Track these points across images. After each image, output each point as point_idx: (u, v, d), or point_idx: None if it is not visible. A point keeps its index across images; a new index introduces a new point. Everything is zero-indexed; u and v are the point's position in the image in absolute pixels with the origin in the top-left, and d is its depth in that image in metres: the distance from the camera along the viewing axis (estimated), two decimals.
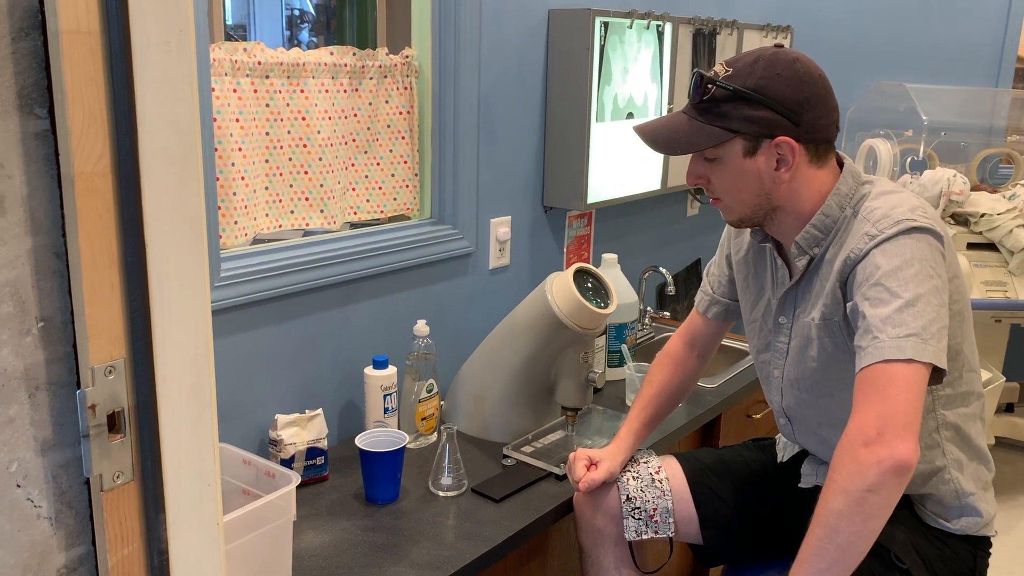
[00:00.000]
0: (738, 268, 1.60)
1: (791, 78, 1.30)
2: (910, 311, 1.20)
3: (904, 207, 1.29)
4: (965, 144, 3.13)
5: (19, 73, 0.63)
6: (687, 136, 1.35)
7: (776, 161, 1.33)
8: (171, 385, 0.73)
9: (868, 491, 1.15)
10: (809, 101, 1.31)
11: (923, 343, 1.19)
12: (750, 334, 1.58)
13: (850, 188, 1.37)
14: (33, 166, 0.65)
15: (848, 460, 1.18)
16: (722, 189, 1.38)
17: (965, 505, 1.43)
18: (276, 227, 1.77)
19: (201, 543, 0.79)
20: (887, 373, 1.19)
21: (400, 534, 1.50)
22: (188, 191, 0.72)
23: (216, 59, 1.57)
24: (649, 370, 1.73)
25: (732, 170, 1.35)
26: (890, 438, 1.15)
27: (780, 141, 1.31)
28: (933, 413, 1.40)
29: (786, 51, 1.34)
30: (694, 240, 3.08)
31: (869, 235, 1.28)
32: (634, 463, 1.62)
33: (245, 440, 1.68)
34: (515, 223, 2.22)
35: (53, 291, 0.67)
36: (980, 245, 2.82)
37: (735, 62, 1.33)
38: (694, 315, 1.71)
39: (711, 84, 1.32)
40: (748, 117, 1.31)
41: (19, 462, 0.67)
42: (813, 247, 1.38)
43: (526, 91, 2.17)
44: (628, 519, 1.57)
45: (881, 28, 3.30)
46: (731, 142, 1.33)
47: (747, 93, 1.30)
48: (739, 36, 2.74)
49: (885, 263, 1.24)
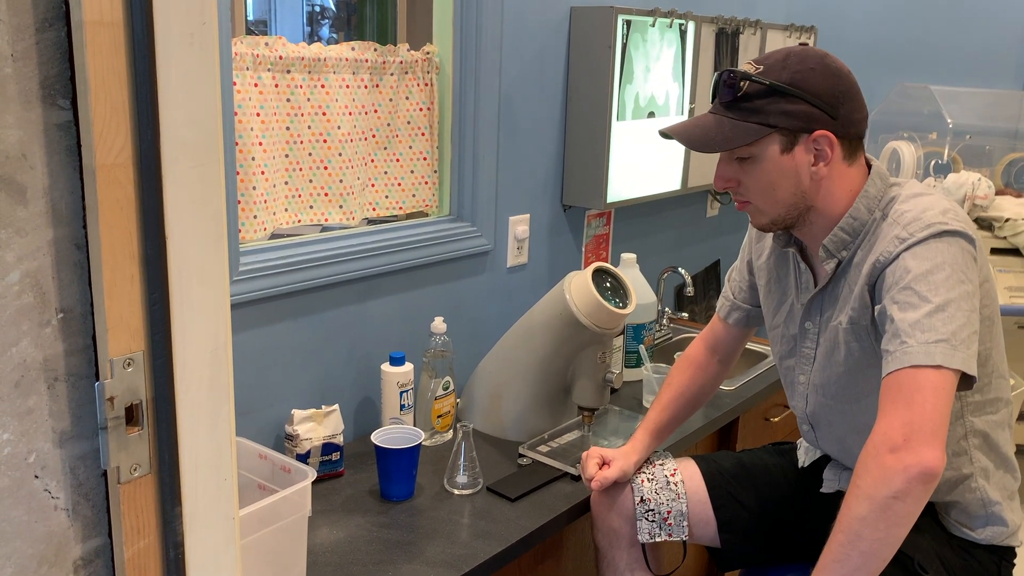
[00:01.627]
0: (759, 273, 1.58)
1: (825, 72, 1.29)
2: (940, 316, 1.18)
3: (935, 210, 1.27)
4: (990, 148, 3.09)
5: (42, 64, 0.63)
6: (723, 133, 1.32)
7: (814, 156, 1.31)
8: (189, 379, 0.73)
9: (893, 498, 1.13)
10: (845, 95, 1.29)
11: (952, 349, 1.17)
12: (773, 340, 1.57)
13: (878, 190, 1.35)
14: (55, 157, 0.65)
15: (873, 466, 1.16)
16: (756, 189, 1.35)
17: (991, 514, 1.40)
18: (295, 222, 1.78)
19: (217, 537, 0.79)
20: (915, 379, 1.17)
21: (415, 531, 1.50)
22: (209, 185, 0.72)
23: (238, 53, 1.57)
24: (669, 373, 1.72)
25: (768, 168, 1.32)
26: (917, 445, 1.13)
27: (819, 135, 1.29)
28: (962, 420, 1.38)
29: (814, 48, 1.33)
30: (714, 241, 3.06)
31: (899, 238, 1.26)
32: (650, 465, 1.61)
33: (261, 434, 1.69)
34: (534, 221, 2.22)
35: (73, 283, 0.67)
36: (1004, 250, 2.78)
37: (765, 59, 1.32)
38: (715, 321, 1.70)
39: (744, 80, 1.30)
40: (786, 111, 1.29)
41: (37, 453, 0.67)
42: (841, 250, 1.36)
43: (547, 89, 2.16)
44: (642, 521, 1.56)
45: (906, 29, 3.26)
46: (768, 138, 1.30)
47: (783, 87, 1.28)
48: (762, 36, 2.72)
49: (915, 267, 1.23)
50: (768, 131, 1.30)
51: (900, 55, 3.28)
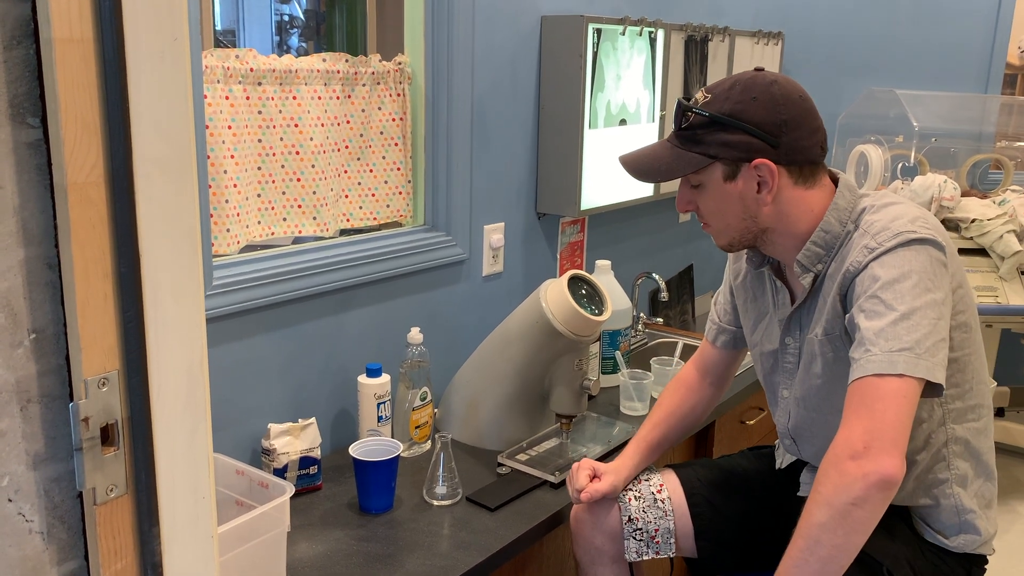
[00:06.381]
0: (738, 293, 1.61)
1: (767, 101, 1.31)
2: (904, 324, 1.20)
3: (904, 219, 1.29)
4: (955, 150, 3.14)
5: (11, 82, 0.63)
6: (667, 163, 1.37)
7: (757, 184, 1.34)
8: (165, 397, 0.72)
9: (852, 504, 1.15)
10: (787, 123, 1.31)
11: (916, 358, 1.18)
12: (754, 358, 1.58)
13: (848, 202, 1.37)
14: (25, 176, 0.64)
15: (834, 472, 1.18)
16: (708, 214, 1.40)
17: (964, 522, 1.41)
18: (268, 234, 1.76)
19: (196, 556, 0.78)
20: (878, 387, 1.19)
21: (394, 544, 1.49)
22: (182, 201, 0.71)
23: (208, 66, 1.56)
24: (660, 395, 1.73)
25: (715, 195, 1.37)
26: (877, 453, 1.15)
27: (759, 163, 1.32)
28: (943, 427, 1.39)
29: (764, 74, 1.35)
30: (687, 246, 3.08)
31: (868, 248, 1.28)
32: (636, 481, 1.60)
33: (237, 449, 1.67)
34: (508, 230, 2.22)
35: (45, 302, 0.66)
36: (971, 250, 2.82)
37: (714, 88, 1.35)
38: (704, 344, 1.72)
39: (689, 112, 1.35)
40: (725, 142, 1.32)
41: (10, 476, 0.66)
42: (816, 264, 1.38)
43: (519, 98, 2.17)
44: (629, 540, 1.55)
45: (871, 34, 3.31)
46: (711, 167, 1.35)
47: (723, 119, 1.32)
48: (731, 42, 2.74)
49: (883, 275, 1.24)
50: (708, 161, 1.34)
51: (866, 60, 3.33)
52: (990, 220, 2.80)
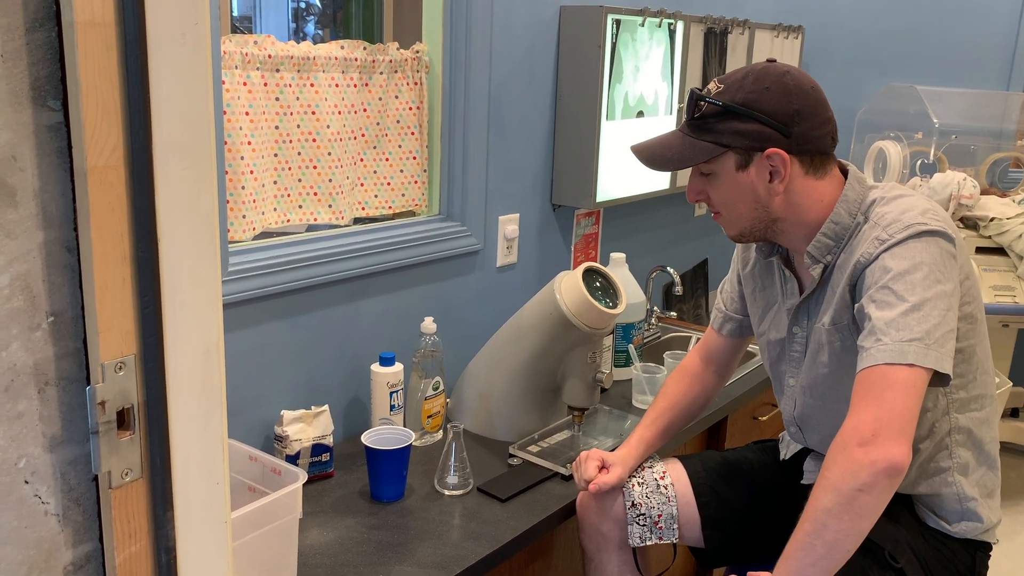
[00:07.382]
0: (746, 282, 1.61)
1: (780, 91, 1.31)
2: (915, 315, 1.21)
3: (915, 211, 1.29)
4: (975, 147, 3.11)
5: (33, 64, 0.63)
6: (680, 152, 1.37)
7: (769, 173, 1.34)
8: (181, 382, 0.72)
9: (859, 490, 1.17)
10: (799, 113, 1.32)
11: (926, 348, 1.20)
12: (761, 347, 1.59)
13: (858, 194, 1.37)
14: (46, 159, 0.64)
15: (841, 459, 1.19)
16: (719, 203, 1.41)
17: (966, 509, 1.43)
18: (284, 221, 1.77)
19: (209, 541, 0.78)
20: (887, 376, 1.20)
21: (405, 533, 1.50)
22: (201, 186, 0.71)
23: (227, 52, 1.56)
24: (664, 383, 1.72)
25: (727, 184, 1.37)
26: (884, 440, 1.17)
27: (771, 153, 1.32)
28: (947, 416, 1.40)
29: (776, 65, 1.35)
30: (701, 240, 3.06)
31: (879, 239, 1.29)
32: (639, 468, 1.61)
33: (251, 436, 1.68)
34: (523, 221, 2.21)
35: (64, 286, 0.67)
36: (989, 249, 2.80)
37: (727, 78, 1.35)
38: (709, 332, 1.72)
39: (702, 101, 1.35)
40: (738, 131, 1.33)
41: (27, 458, 0.67)
42: (826, 255, 1.38)
43: (537, 88, 2.16)
44: (633, 525, 1.56)
45: (892, 30, 3.28)
46: (723, 156, 1.35)
47: (736, 108, 1.32)
48: (751, 35, 2.72)
49: (894, 266, 1.25)
50: (721, 150, 1.34)
51: (886, 55, 3.29)
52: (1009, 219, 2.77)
